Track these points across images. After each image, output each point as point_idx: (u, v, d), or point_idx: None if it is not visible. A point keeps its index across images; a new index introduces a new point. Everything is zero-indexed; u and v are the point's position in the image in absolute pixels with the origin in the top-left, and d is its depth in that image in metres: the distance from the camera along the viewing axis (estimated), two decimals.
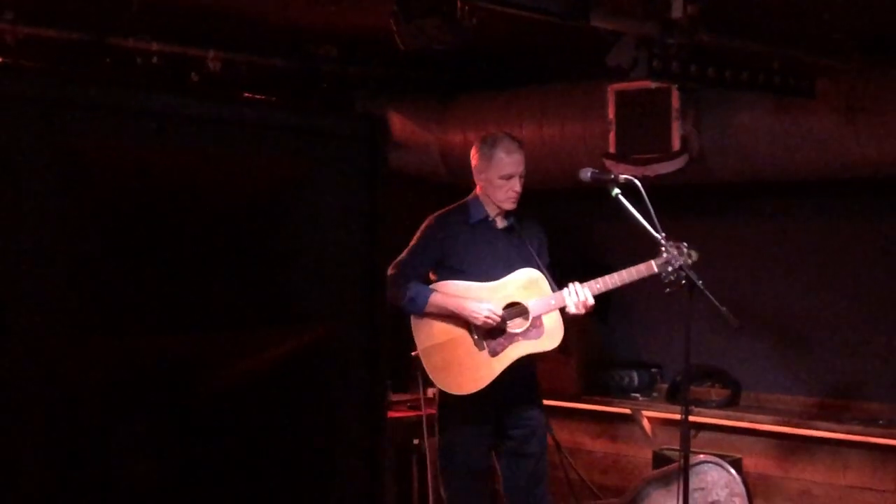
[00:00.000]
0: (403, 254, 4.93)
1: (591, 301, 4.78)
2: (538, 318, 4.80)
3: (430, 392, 6.14)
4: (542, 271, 4.86)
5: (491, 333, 4.81)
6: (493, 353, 4.80)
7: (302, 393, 1.62)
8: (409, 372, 6.34)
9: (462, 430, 4.91)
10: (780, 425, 6.00)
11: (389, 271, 4.87)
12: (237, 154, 1.57)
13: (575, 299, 4.74)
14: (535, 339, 4.80)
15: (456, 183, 6.77)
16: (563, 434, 6.75)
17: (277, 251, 1.61)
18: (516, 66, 6.34)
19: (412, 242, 4.98)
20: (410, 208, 6.08)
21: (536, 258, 4.90)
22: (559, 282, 4.93)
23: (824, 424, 5.87)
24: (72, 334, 1.42)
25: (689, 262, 4.71)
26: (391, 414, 6.13)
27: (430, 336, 4.89)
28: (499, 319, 4.75)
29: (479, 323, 4.75)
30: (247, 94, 1.62)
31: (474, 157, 4.95)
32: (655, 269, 4.69)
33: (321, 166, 1.63)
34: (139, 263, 1.47)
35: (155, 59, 5.51)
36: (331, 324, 1.65)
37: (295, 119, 1.64)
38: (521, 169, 4.86)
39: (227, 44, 5.74)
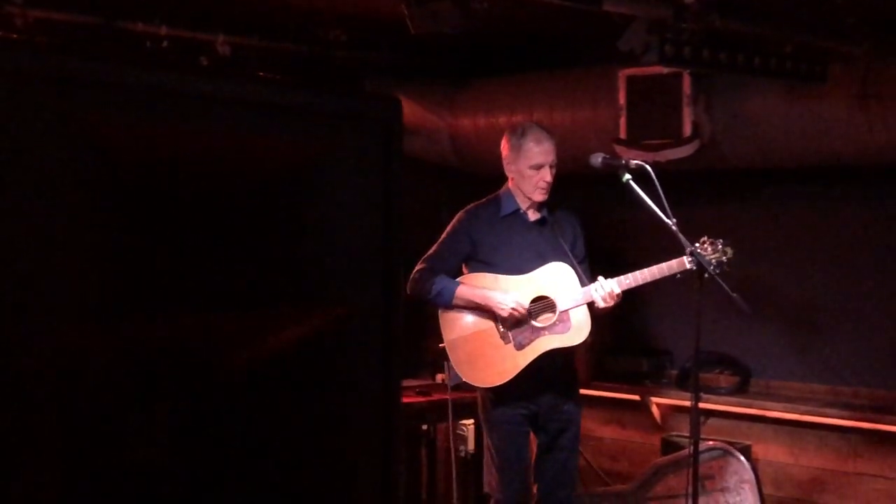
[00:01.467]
0: (433, 248, 4.93)
1: (617, 291, 4.72)
2: (566, 312, 4.76)
3: (440, 377, 6.15)
4: (572, 265, 4.82)
5: (517, 327, 4.78)
6: (519, 347, 4.77)
7: (317, 376, 1.61)
8: (422, 358, 6.37)
9: (502, 417, 4.88)
10: (790, 412, 5.99)
11: (418, 265, 4.89)
12: (254, 134, 1.56)
13: (602, 293, 4.70)
14: (562, 333, 4.76)
15: (465, 168, 6.78)
16: None
17: (293, 233, 1.60)
18: (526, 52, 6.31)
19: (442, 236, 4.97)
20: (420, 194, 6.07)
21: (568, 252, 4.85)
22: (594, 274, 4.90)
23: (834, 411, 5.85)
24: (88, 317, 1.41)
25: (725, 258, 4.67)
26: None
27: (456, 329, 4.88)
28: (524, 312, 4.72)
29: (504, 315, 4.73)
30: (263, 75, 1.60)
31: (504, 148, 4.91)
32: (687, 266, 4.63)
33: (337, 147, 1.62)
34: (156, 244, 1.46)
35: (165, 44, 5.50)
36: (347, 306, 1.64)
37: (311, 100, 1.62)
38: (551, 158, 4.83)
39: (237, 28, 5.72)
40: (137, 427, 1.45)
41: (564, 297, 4.76)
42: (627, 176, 4.74)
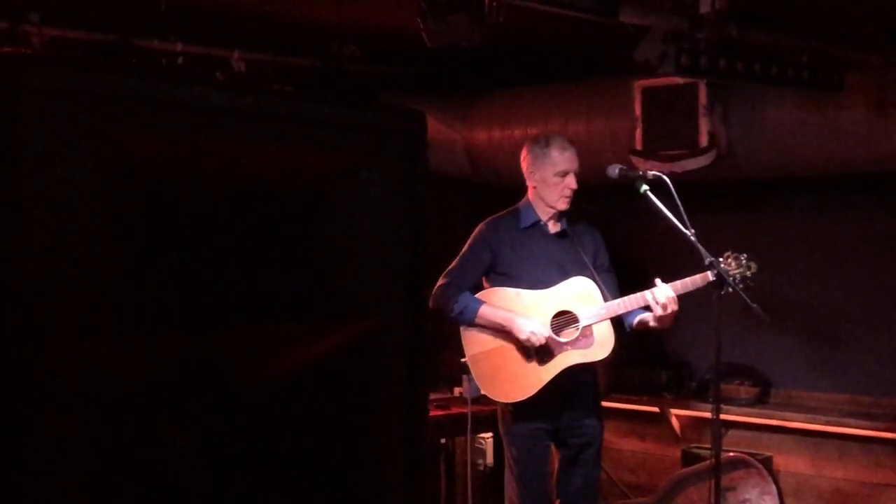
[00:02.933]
0: (454, 262, 4.91)
1: (673, 298, 4.64)
2: (589, 327, 4.73)
3: (457, 391, 6.13)
4: (594, 279, 4.79)
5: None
6: (542, 362, 4.74)
7: (343, 390, 1.60)
8: (439, 371, 6.34)
9: (522, 430, 4.85)
10: (811, 423, 5.95)
11: (441, 280, 4.87)
12: (279, 147, 1.56)
13: (661, 298, 4.61)
14: (585, 348, 4.73)
15: (481, 181, 6.77)
16: None
17: (318, 246, 1.59)
18: (542, 64, 6.31)
19: (463, 250, 4.95)
20: (436, 207, 6.02)
21: (590, 265, 4.83)
22: (622, 285, 4.87)
23: (855, 422, 5.82)
24: (115, 330, 1.40)
25: (749, 273, 4.65)
26: None
27: (478, 343, 4.86)
28: (542, 340, 4.69)
29: (522, 339, 4.70)
30: (287, 88, 1.60)
31: (525, 158, 4.90)
32: (712, 279, 4.60)
33: (361, 160, 1.61)
34: (181, 258, 1.46)
35: (180, 60, 5.51)
36: (373, 319, 1.63)
37: (335, 112, 1.62)
38: (575, 166, 4.83)
39: (252, 44, 5.74)
40: (164, 441, 1.44)
41: (587, 312, 4.73)
42: (645, 187, 4.73)
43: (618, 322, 4.79)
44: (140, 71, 1.37)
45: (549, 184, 4.81)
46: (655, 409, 6.55)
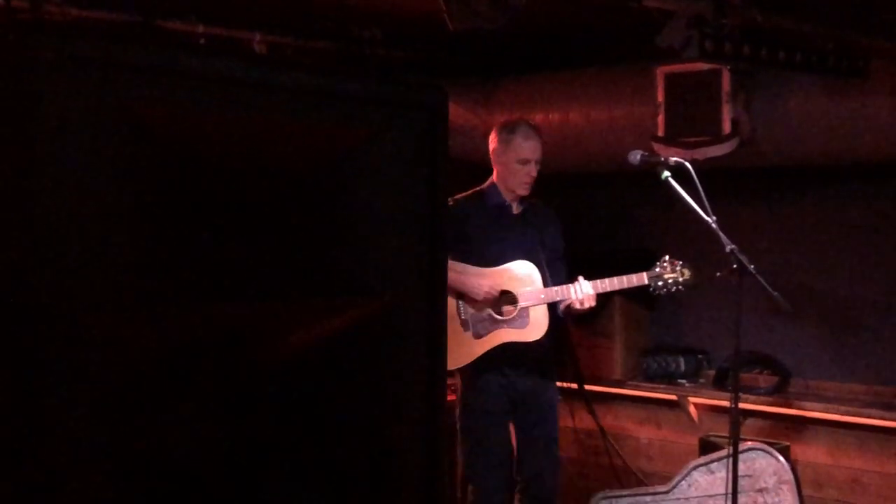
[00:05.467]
0: None
1: (591, 293, 4.88)
2: (526, 309, 4.91)
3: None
4: (541, 263, 4.97)
5: (478, 317, 4.94)
6: (477, 336, 4.96)
7: (361, 365, 1.60)
8: None
9: (478, 407, 5.03)
10: (830, 412, 5.92)
11: None
12: (297, 121, 1.55)
13: (580, 294, 4.86)
14: (520, 328, 4.93)
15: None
16: (608, 420, 6.72)
17: (337, 219, 1.59)
18: (563, 49, 6.27)
19: None
20: (456, 191, 6.07)
21: (541, 249, 5.02)
22: (582, 270, 5.03)
23: (874, 412, 5.78)
24: (131, 304, 1.40)
25: (681, 279, 4.88)
26: None
27: None
28: (497, 294, 4.88)
29: (479, 298, 4.89)
30: (306, 62, 1.58)
31: (493, 141, 5.10)
32: (646, 281, 4.86)
33: (381, 135, 1.61)
34: (198, 230, 1.46)
35: (202, 42, 5.51)
36: (391, 295, 1.62)
37: (355, 87, 1.61)
38: (537, 155, 4.99)
39: (273, 26, 5.72)
40: (180, 416, 1.44)
41: (526, 294, 4.92)
42: (667, 173, 4.75)
43: (553, 305, 5.00)
44: (157, 42, 1.36)
45: (511, 170, 5.00)
46: (673, 397, 6.53)
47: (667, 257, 4.90)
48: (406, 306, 1.65)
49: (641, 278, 4.86)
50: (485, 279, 4.92)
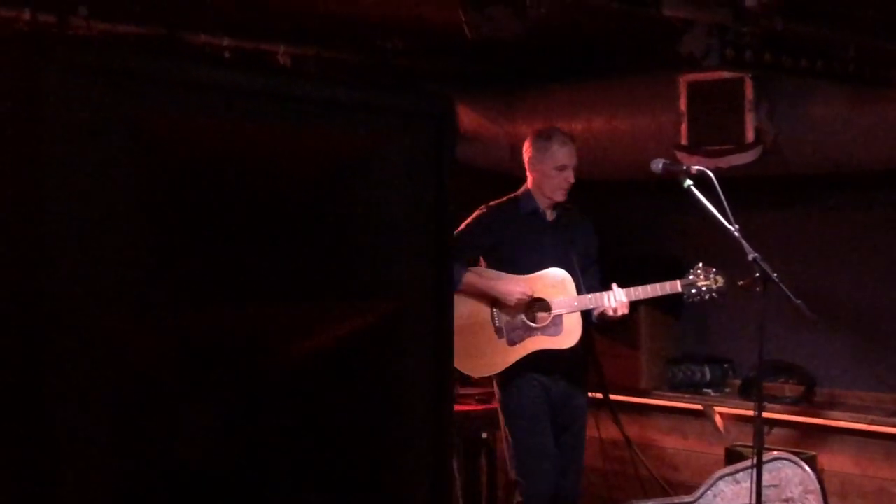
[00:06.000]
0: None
1: (624, 301, 4.90)
2: (559, 316, 4.94)
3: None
4: (575, 270, 4.98)
5: (512, 324, 4.98)
6: (511, 343, 5.00)
7: (369, 369, 1.61)
8: None
9: (521, 408, 5.06)
10: (856, 422, 5.88)
11: None
12: (306, 129, 1.57)
13: (613, 303, 4.89)
14: (553, 336, 4.96)
15: (523, 175, 6.75)
16: (634, 430, 6.69)
17: (345, 226, 1.61)
18: (586, 58, 6.28)
19: (461, 227, 5.12)
20: (479, 201, 6.10)
21: (575, 256, 5.03)
22: (605, 279, 5.06)
23: None
24: (141, 307, 1.42)
25: (715, 287, 4.90)
26: (459, 407, 6.12)
27: (454, 318, 4.99)
28: (529, 299, 4.91)
29: (512, 303, 4.93)
30: (313, 71, 1.61)
31: (528, 150, 5.13)
32: (679, 289, 4.90)
33: (387, 142, 1.62)
34: (208, 237, 1.48)
35: (227, 55, 5.56)
36: (398, 300, 1.64)
37: (362, 95, 1.63)
38: (574, 161, 5.04)
39: (297, 38, 5.77)
40: (188, 418, 1.46)
41: (560, 302, 4.95)
42: (689, 182, 4.74)
43: (587, 312, 5.01)
44: (165, 52, 1.39)
45: (549, 176, 5.02)
46: (699, 407, 6.50)
47: (700, 265, 4.90)
48: (414, 312, 1.66)
49: (675, 286, 4.88)
50: (518, 286, 4.95)
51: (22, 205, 1.29)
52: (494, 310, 5.01)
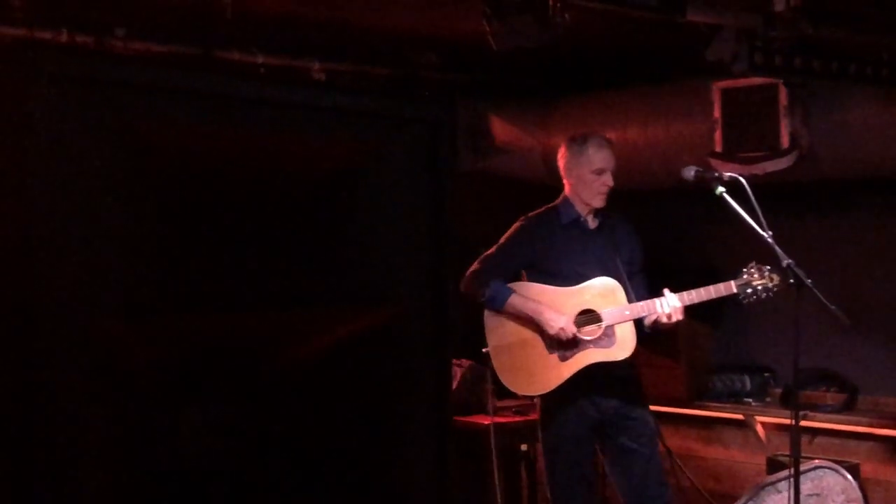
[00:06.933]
0: (491, 250, 5.00)
1: (679, 306, 4.71)
2: (611, 327, 4.77)
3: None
4: (622, 278, 4.83)
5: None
6: (563, 359, 4.81)
7: (368, 373, 1.63)
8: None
9: (563, 431, 4.88)
10: None
11: (474, 265, 4.98)
12: (305, 135, 1.60)
13: (667, 308, 4.71)
14: (606, 348, 4.78)
15: (558, 186, 6.75)
16: (674, 440, 6.64)
17: (342, 232, 1.63)
18: (619, 68, 6.28)
19: (501, 241, 5.03)
20: (514, 211, 6.10)
21: (625, 260, 4.89)
22: (653, 284, 4.90)
23: None
24: (135, 313, 1.45)
25: (771, 285, 4.68)
26: (497, 419, 6.12)
27: (501, 335, 4.93)
28: (570, 336, 4.75)
29: (552, 333, 4.77)
30: (309, 79, 1.64)
31: (563, 157, 5.00)
32: (735, 290, 4.68)
33: (386, 148, 1.64)
34: (204, 243, 1.50)
35: (262, 71, 5.62)
36: (398, 305, 1.65)
37: (360, 102, 1.65)
38: (611, 164, 4.90)
39: (331, 54, 5.82)
40: (184, 422, 1.48)
41: (610, 312, 4.78)
42: (721, 189, 4.68)
43: (639, 321, 4.82)
44: (159, 60, 1.42)
45: (586, 181, 4.88)
46: (740, 417, 6.44)
47: (753, 263, 4.70)
48: (413, 315, 1.68)
49: (730, 287, 4.67)
50: (562, 303, 4.79)
51: (12, 212, 1.33)
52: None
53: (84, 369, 1.40)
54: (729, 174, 4.74)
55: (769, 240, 4.56)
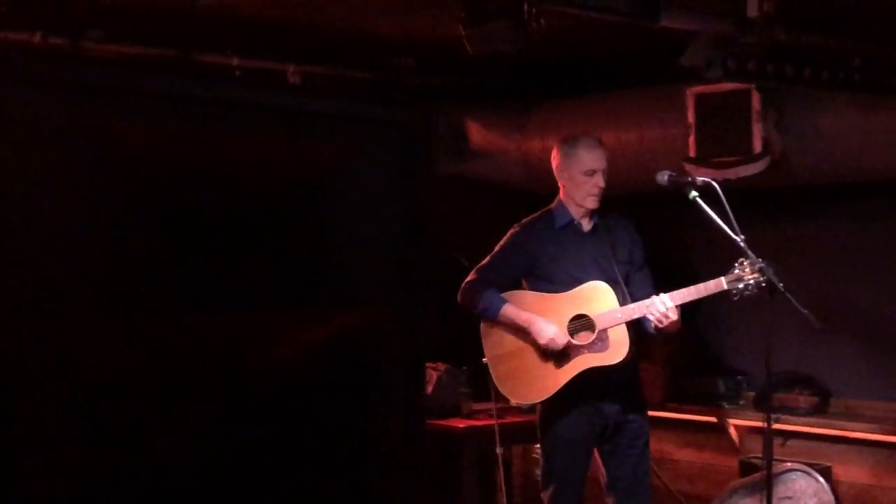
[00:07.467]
0: (486, 260, 4.99)
1: (670, 305, 4.67)
2: (604, 331, 4.75)
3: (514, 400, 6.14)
4: (618, 280, 4.81)
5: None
6: (559, 365, 4.80)
7: (342, 375, 1.64)
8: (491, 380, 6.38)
9: (562, 435, 4.88)
10: (872, 433, 5.84)
11: (470, 276, 4.99)
12: (277, 138, 1.60)
13: (660, 310, 4.67)
14: (600, 352, 4.76)
15: (536, 190, 6.78)
16: (649, 443, 6.67)
17: (316, 235, 1.64)
18: (596, 73, 6.32)
19: (496, 249, 5.02)
20: (492, 215, 6.12)
21: (616, 264, 4.86)
22: (656, 280, 4.89)
23: None
24: (111, 315, 1.45)
25: (763, 278, 4.58)
26: (473, 422, 6.13)
27: (497, 345, 4.96)
28: (561, 346, 4.76)
29: (542, 343, 4.78)
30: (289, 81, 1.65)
31: (555, 158, 4.98)
32: (725, 286, 4.61)
33: (360, 152, 1.65)
34: (179, 245, 1.51)
35: (237, 74, 5.62)
36: (372, 308, 1.66)
37: (332, 105, 1.66)
38: (603, 165, 4.87)
39: (307, 57, 5.82)
40: (162, 425, 1.49)
41: (603, 316, 4.76)
42: (694, 193, 4.72)
43: (641, 323, 4.77)
44: (127, 64, 1.43)
45: (578, 182, 4.87)
46: (713, 419, 6.49)
47: (742, 260, 4.61)
48: (387, 318, 1.69)
49: (720, 284, 4.60)
50: (555, 310, 4.78)
51: None
52: None
53: (54, 373, 1.41)
54: (702, 178, 4.78)
55: (741, 243, 4.60)
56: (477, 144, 6.69)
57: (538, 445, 6.52)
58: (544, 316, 4.80)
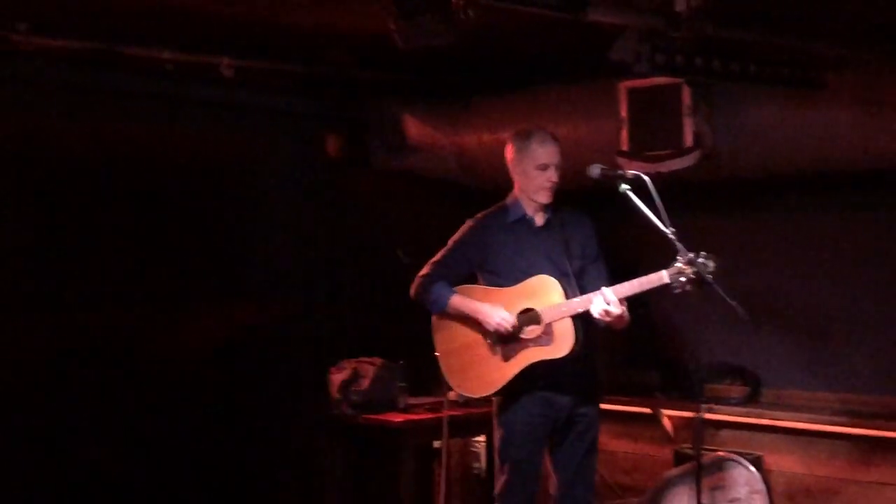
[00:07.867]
0: (438, 255, 5.05)
1: (613, 299, 4.66)
2: (550, 325, 4.77)
3: (452, 394, 6.15)
4: (566, 275, 4.82)
5: (505, 339, 4.85)
6: (506, 358, 4.84)
7: (254, 368, 1.63)
8: (433, 374, 6.39)
9: (514, 428, 4.89)
10: (801, 422, 5.95)
11: (422, 271, 5.03)
12: (188, 130, 1.59)
13: (602, 305, 4.66)
14: (545, 346, 4.78)
15: (471, 184, 6.79)
16: None
17: (231, 227, 1.63)
18: (530, 68, 6.33)
19: (449, 243, 5.05)
20: (427, 210, 6.14)
21: (568, 258, 4.88)
22: (611, 272, 4.92)
23: (845, 420, 5.81)
24: (9, 310, 1.44)
25: (706, 270, 4.57)
26: (409, 417, 6.12)
27: (448, 339, 5.01)
28: (509, 327, 4.79)
29: (490, 328, 4.82)
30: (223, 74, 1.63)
31: (509, 151, 5.00)
32: (667, 280, 4.60)
33: (279, 145, 1.64)
34: (80, 238, 1.49)
35: (169, 67, 5.53)
36: (284, 301, 1.66)
37: (249, 98, 1.65)
38: (556, 160, 4.91)
39: (241, 50, 5.76)
40: (67, 418, 1.47)
41: (548, 310, 4.78)
42: (625, 186, 4.79)
43: (588, 317, 4.76)
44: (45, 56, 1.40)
45: (531, 176, 4.90)
46: (648, 411, 6.55)
47: (686, 253, 4.59)
48: (300, 310, 1.69)
49: (661, 277, 4.59)
50: (502, 303, 4.80)
51: None
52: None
53: None
54: (633, 172, 4.83)
55: (671, 235, 4.64)
56: (414, 139, 6.68)
57: (477, 439, 6.60)
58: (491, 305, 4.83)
